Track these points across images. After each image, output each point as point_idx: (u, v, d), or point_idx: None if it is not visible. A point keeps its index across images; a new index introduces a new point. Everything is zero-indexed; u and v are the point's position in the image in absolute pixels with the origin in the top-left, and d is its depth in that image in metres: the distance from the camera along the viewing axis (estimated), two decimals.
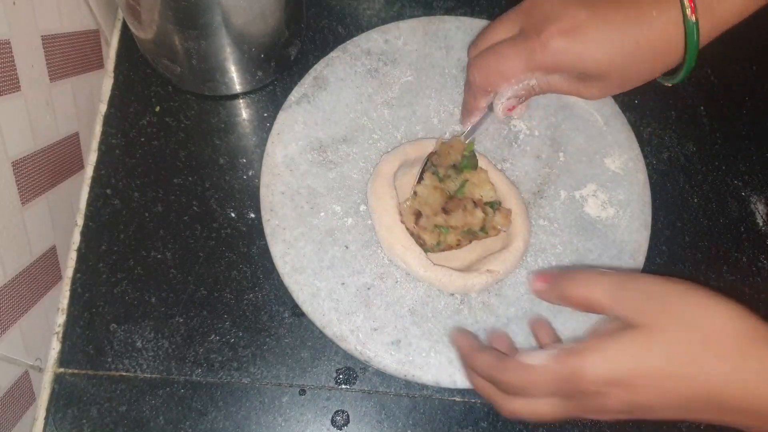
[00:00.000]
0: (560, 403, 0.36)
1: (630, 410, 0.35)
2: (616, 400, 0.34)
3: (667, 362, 0.33)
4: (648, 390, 0.33)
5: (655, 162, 0.56)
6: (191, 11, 0.44)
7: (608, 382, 0.34)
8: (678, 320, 0.34)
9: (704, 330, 0.33)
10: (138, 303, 0.49)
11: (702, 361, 0.33)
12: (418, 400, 0.48)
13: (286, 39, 0.53)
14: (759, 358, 0.32)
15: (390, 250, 0.46)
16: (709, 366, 0.33)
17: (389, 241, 0.46)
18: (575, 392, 0.35)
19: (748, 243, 0.55)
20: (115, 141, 0.53)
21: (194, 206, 0.52)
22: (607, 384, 0.34)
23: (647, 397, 0.34)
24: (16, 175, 0.42)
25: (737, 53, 0.62)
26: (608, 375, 0.33)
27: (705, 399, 0.33)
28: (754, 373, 0.32)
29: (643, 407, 0.34)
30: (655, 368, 0.33)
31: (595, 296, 0.37)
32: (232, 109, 0.55)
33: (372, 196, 0.48)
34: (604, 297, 0.36)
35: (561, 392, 0.36)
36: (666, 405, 0.34)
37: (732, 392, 0.33)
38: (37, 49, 0.44)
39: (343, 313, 0.46)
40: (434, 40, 0.56)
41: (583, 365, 0.34)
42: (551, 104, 0.54)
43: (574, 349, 0.35)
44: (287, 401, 0.47)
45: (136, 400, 0.46)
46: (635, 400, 0.34)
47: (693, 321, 0.34)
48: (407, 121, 0.53)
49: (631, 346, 0.34)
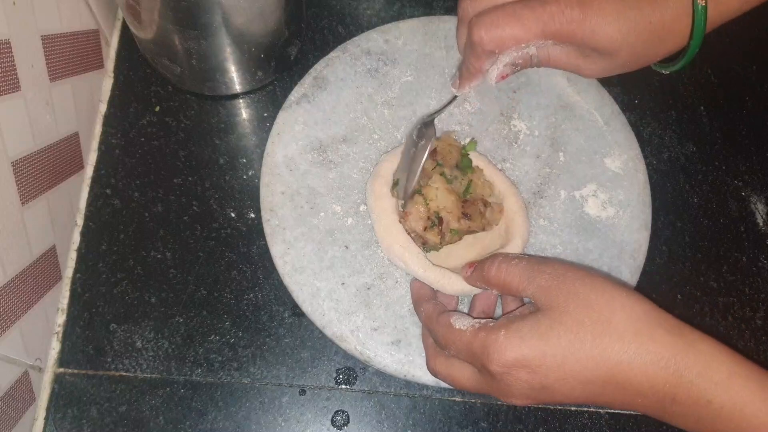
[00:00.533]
0: (475, 376, 0.38)
1: (536, 395, 0.35)
2: (522, 382, 0.35)
3: (569, 343, 0.34)
4: (551, 372, 0.34)
5: (655, 162, 0.56)
6: (191, 11, 0.44)
7: (514, 363, 0.34)
8: (581, 303, 0.35)
9: (605, 313, 0.34)
10: (138, 303, 0.49)
11: (603, 342, 0.34)
12: (418, 400, 0.48)
13: (286, 39, 0.53)
14: (656, 340, 0.33)
15: (389, 251, 0.46)
16: (610, 348, 0.34)
17: (388, 242, 0.46)
18: (484, 369, 0.36)
19: (748, 243, 0.55)
20: (115, 141, 0.53)
21: (194, 206, 0.52)
22: (513, 365, 0.35)
23: (550, 380, 0.34)
24: (16, 175, 0.42)
25: (737, 53, 0.62)
26: (514, 356, 0.34)
27: (605, 380, 0.34)
28: (654, 354, 0.33)
29: (548, 390, 0.35)
30: (557, 350, 0.34)
31: (511, 279, 0.38)
32: (232, 109, 0.55)
33: (371, 196, 0.48)
34: (520, 280, 0.38)
35: (472, 362, 0.37)
36: (569, 388, 0.35)
37: (632, 374, 0.33)
38: (37, 49, 0.44)
39: (343, 313, 0.46)
40: (434, 40, 0.56)
41: (491, 344, 0.35)
42: (551, 104, 0.54)
43: (489, 326, 0.36)
44: (287, 401, 0.47)
45: (136, 400, 0.46)
46: (540, 383, 0.35)
47: (595, 305, 0.35)
48: (407, 121, 0.53)
49: (536, 328, 0.35)
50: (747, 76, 0.61)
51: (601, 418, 0.48)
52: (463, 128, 0.53)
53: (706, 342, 0.34)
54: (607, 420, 0.48)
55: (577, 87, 0.55)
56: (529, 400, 0.36)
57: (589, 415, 0.48)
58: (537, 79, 0.55)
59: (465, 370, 0.38)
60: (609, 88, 0.56)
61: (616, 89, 0.58)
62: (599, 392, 0.35)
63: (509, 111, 0.54)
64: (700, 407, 0.33)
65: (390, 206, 0.47)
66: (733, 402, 0.33)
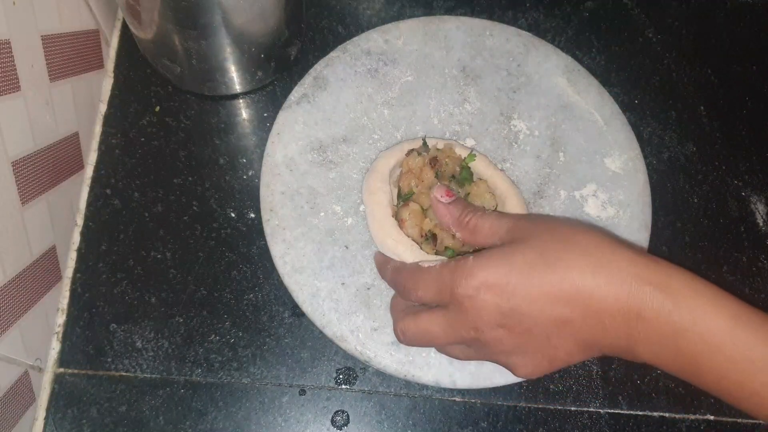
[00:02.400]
0: (444, 317, 0.38)
1: (506, 321, 0.35)
2: (490, 305, 0.35)
3: (534, 261, 0.35)
4: (518, 290, 0.35)
5: (655, 162, 0.56)
6: (191, 11, 0.44)
7: (481, 283, 0.35)
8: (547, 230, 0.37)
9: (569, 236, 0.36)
10: (138, 303, 0.49)
11: (567, 257, 0.35)
12: (418, 400, 0.48)
13: (286, 39, 0.53)
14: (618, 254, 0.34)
15: (382, 245, 0.46)
16: (574, 262, 0.34)
17: (380, 237, 0.46)
18: (451, 297, 0.36)
19: (748, 243, 0.55)
20: (115, 141, 0.53)
21: (194, 206, 0.51)
22: (480, 286, 0.35)
23: (517, 300, 0.35)
24: (16, 175, 0.42)
25: (737, 53, 0.62)
26: (482, 277, 0.35)
27: (571, 296, 0.34)
28: (616, 266, 0.34)
29: (517, 314, 0.35)
30: (523, 267, 0.35)
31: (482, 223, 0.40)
32: (232, 109, 0.55)
33: (365, 192, 0.48)
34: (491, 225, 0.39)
35: (441, 296, 0.37)
36: (538, 309, 0.35)
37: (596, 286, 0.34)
38: (37, 49, 0.44)
39: (343, 313, 0.46)
40: (434, 40, 0.56)
41: (459, 269, 0.36)
42: (551, 104, 0.54)
43: (457, 258, 0.38)
44: (287, 401, 0.47)
45: (136, 400, 0.46)
46: (508, 305, 0.35)
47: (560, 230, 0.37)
48: (407, 121, 0.53)
49: (503, 253, 0.36)
50: (747, 76, 0.61)
51: (601, 418, 0.48)
52: (463, 128, 0.53)
53: (665, 261, 0.35)
54: (607, 420, 0.48)
55: (577, 87, 0.55)
56: (501, 330, 0.36)
57: (589, 415, 0.48)
58: (537, 79, 0.55)
59: (433, 316, 0.38)
60: (609, 88, 0.56)
61: (616, 89, 0.58)
62: (568, 315, 0.34)
63: (509, 111, 0.54)
64: (664, 324, 0.33)
65: (383, 201, 0.47)
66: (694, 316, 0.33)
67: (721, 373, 0.33)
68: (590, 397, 0.48)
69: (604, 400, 0.49)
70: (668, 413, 0.49)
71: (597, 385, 0.49)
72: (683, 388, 0.49)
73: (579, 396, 0.48)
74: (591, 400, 0.48)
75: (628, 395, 0.49)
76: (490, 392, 0.48)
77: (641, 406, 0.49)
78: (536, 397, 0.48)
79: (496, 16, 0.60)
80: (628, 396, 0.49)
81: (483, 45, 0.56)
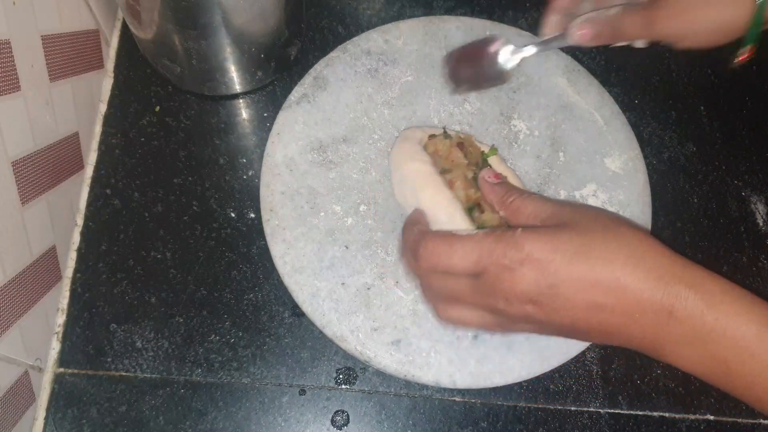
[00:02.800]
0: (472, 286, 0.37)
1: (539, 297, 0.35)
2: (528, 279, 0.35)
3: (580, 245, 0.35)
4: (560, 270, 0.34)
5: (655, 162, 0.56)
6: (191, 11, 0.44)
7: (526, 257, 0.35)
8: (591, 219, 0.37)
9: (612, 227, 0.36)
10: (138, 303, 0.49)
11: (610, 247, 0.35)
12: (418, 400, 0.48)
13: (286, 39, 0.53)
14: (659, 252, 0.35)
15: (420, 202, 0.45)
16: (617, 251, 0.35)
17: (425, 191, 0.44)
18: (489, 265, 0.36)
19: (748, 243, 0.55)
20: (115, 141, 0.53)
21: (194, 206, 0.52)
22: (525, 260, 0.35)
23: (558, 279, 0.34)
24: (16, 175, 0.42)
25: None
26: (528, 250, 0.35)
27: (609, 285, 0.34)
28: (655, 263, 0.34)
29: (553, 292, 0.35)
30: (569, 247, 0.35)
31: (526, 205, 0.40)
32: (232, 109, 0.55)
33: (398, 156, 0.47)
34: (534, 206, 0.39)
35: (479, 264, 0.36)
36: (574, 291, 0.35)
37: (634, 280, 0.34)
38: (37, 49, 0.44)
39: (343, 313, 0.46)
40: (434, 40, 0.56)
41: (508, 238, 0.36)
42: (551, 104, 0.54)
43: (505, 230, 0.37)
44: (287, 401, 0.47)
45: (136, 400, 0.46)
46: (547, 281, 0.35)
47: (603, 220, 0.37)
48: (407, 121, 0.53)
49: (548, 231, 0.36)
50: (747, 76, 0.61)
51: (601, 418, 0.48)
52: (464, 128, 0.53)
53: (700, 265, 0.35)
54: (607, 420, 0.48)
55: (577, 87, 0.55)
56: (531, 306, 0.36)
57: (589, 415, 0.48)
58: (537, 79, 0.55)
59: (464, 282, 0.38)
60: (609, 88, 0.56)
61: (616, 89, 0.58)
62: (602, 301, 0.34)
63: (509, 111, 0.54)
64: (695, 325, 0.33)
65: (427, 162, 0.46)
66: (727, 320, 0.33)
67: (753, 379, 0.33)
68: (590, 397, 0.49)
69: (604, 400, 0.49)
70: (668, 413, 0.49)
71: (597, 385, 0.49)
72: (683, 388, 0.49)
73: (579, 396, 0.48)
74: (591, 400, 0.48)
75: (628, 395, 0.49)
76: (490, 392, 0.48)
77: (641, 406, 0.49)
78: (536, 397, 0.48)
79: (496, 16, 0.60)
80: (628, 396, 0.49)
81: None
